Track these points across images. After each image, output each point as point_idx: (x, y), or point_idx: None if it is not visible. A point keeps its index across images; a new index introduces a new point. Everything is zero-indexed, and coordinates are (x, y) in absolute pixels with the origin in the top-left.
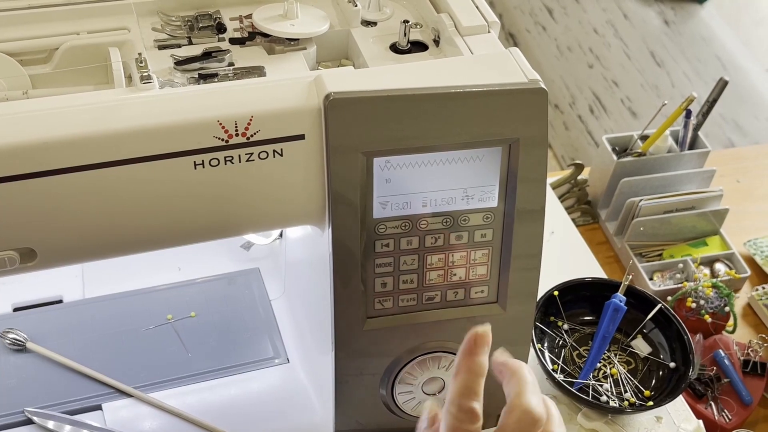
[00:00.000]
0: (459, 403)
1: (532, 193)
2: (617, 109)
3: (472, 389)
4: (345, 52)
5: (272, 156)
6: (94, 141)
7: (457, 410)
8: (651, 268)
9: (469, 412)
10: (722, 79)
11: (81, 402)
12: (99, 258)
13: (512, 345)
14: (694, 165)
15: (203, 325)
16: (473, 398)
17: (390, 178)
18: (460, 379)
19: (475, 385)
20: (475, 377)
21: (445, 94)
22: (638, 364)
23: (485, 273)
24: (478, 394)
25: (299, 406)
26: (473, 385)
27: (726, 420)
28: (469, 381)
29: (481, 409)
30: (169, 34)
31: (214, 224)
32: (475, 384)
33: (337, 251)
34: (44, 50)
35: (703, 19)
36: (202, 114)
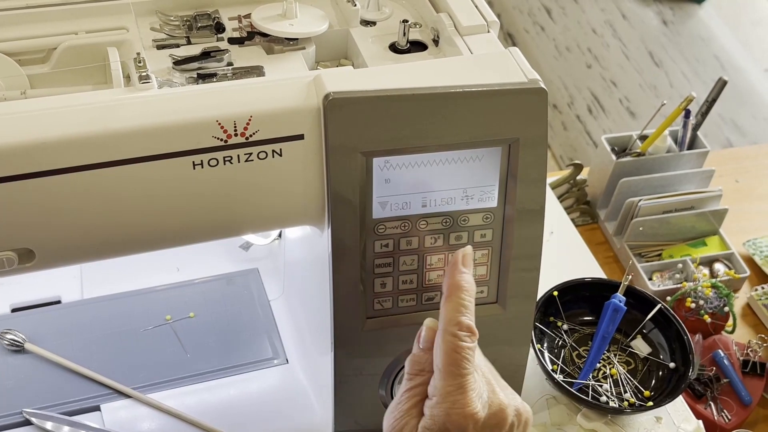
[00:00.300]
0: (458, 320)
1: (532, 193)
2: (616, 109)
3: (465, 306)
4: (344, 52)
5: (271, 156)
6: (93, 141)
7: (457, 328)
8: (650, 268)
9: (468, 329)
10: (721, 79)
11: (79, 403)
12: (97, 258)
13: (512, 345)
14: (693, 165)
15: (202, 325)
16: (468, 314)
17: (389, 178)
18: (453, 299)
19: (468, 302)
20: (466, 294)
21: (445, 94)
22: (638, 364)
23: (485, 273)
24: (471, 311)
25: (298, 406)
26: (466, 303)
27: (725, 420)
28: (461, 299)
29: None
30: (167, 33)
31: (213, 224)
32: (468, 302)
33: (336, 251)
34: (42, 50)
35: (701, 19)
36: (200, 114)
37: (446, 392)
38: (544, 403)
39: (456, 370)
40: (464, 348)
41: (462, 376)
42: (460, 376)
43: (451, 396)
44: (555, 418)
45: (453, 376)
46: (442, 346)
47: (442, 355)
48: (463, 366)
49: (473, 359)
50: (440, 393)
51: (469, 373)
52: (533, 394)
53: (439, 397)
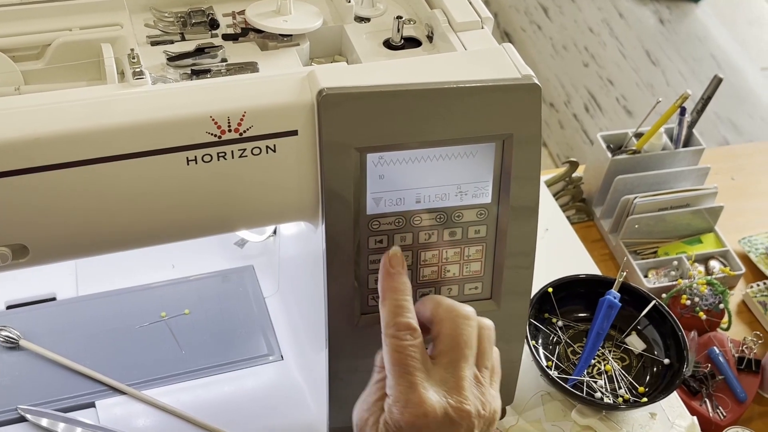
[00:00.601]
0: (395, 322)
1: (526, 189)
2: (612, 108)
3: (403, 306)
4: (338, 48)
5: (265, 152)
6: (87, 137)
7: (395, 329)
8: (646, 265)
9: (407, 327)
10: (716, 77)
11: (74, 399)
12: (91, 254)
13: (506, 341)
14: (688, 162)
15: (197, 322)
16: (406, 314)
17: (383, 174)
18: (387, 302)
19: (403, 302)
20: (401, 295)
21: (439, 90)
22: (632, 360)
23: (479, 269)
24: (410, 309)
25: (293, 403)
26: (402, 302)
27: (720, 417)
28: (396, 300)
29: (417, 322)
30: (161, 30)
31: (207, 220)
32: (404, 301)
33: (330, 247)
34: (36, 46)
35: (698, 18)
36: (194, 110)
37: (398, 392)
38: (539, 399)
39: (403, 369)
40: (406, 347)
41: (410, 374)
42: (408, 374)
43: (403, 395)
44: (550, 414)
45: (401, 375)
46: (386, 348)
47: (387, 358)
48: (408, 364)
49: (420, 359)
50: (392, 393)
51: (418, 370)
52: (528, 391)
53: (392, 397)
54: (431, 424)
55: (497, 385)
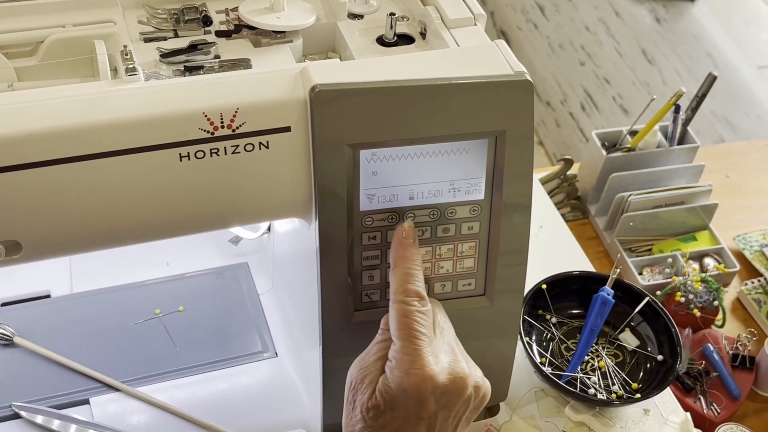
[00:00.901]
0: (404, 288)
1: (520, 186)
2: (609, 107)
3: (413, 274)
4: (331, 45)
5: (258, 148)
6: (79, 133)
7: (404, 295)
8: (640, 262)
9: (416, 294)
10: (711, 74)
11: (68, 396)
12: (85, 251)
13: (500, 338)
14: (683, 160)
15: (191, 319)
16: (415, 282)
17: (376, 171)
18: (398, 270)
19: (414, 270)
20: (412, 263)
21: (431, 86)
22: (626, 356)
23: (472, 266)
24: (419, 279)
25: (288, 399)
26: (412, 271)
27: (715, 414)
28: (407, 269)
29: (425, 293)
30: (155, 26)
31: (200, 217)
32: (414, 270)
33: (323, 244)
34: (30, 43)
35: (694, 16)
36: (187, 106)
37: (402, 355)
38: (533, 395)
39: (409, 334)
40: (413, 312)
41: (416, 338)
42: (415, 338)
43: (407, 358)
44: (543, 410)
45: (407, 340)
46: (393, 313)
47: (394, 322)
48: (415, 329)
49: (427, 323)
50: (397, 357)
51: (424, 335)
52: (522, 387)
53: (396, 361)
54: (433, 388)
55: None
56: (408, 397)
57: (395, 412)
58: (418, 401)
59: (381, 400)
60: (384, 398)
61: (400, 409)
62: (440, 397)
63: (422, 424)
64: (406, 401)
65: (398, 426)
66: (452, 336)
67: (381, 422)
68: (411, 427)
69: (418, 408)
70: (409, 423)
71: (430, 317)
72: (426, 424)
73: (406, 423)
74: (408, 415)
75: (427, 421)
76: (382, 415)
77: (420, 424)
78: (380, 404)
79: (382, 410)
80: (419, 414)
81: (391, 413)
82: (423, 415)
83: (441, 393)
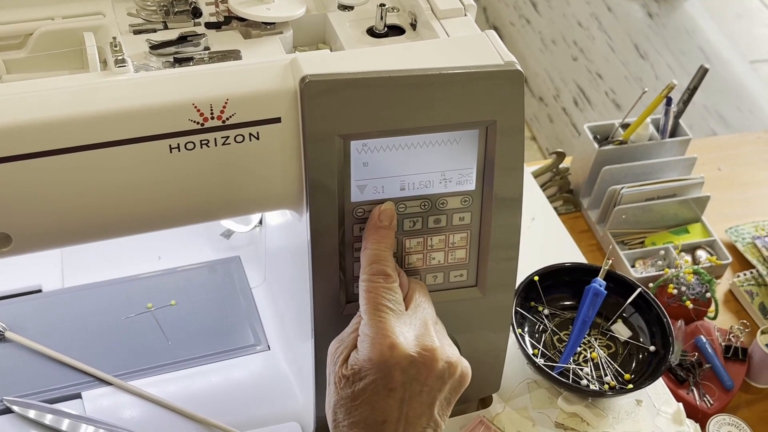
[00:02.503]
0: (371, 267)
1: (511, 175)
2: (601, 102)
3: (381, 256)
4: (322, 37)
5: (248, 139)
6: (69, 124)
7: (371, 274)
8: (633, 255)
9: (381, 272)
10: (702, 67)
11: (60, 390)
12: (75, 243)
13: (492, 330)
14: (675, 153)
15: (184, 313)
16: (383, 263)
17: (367, 162)
18: (368, 251)
19: (383, 252)
20: (382, 246)
21: (422, 77)
22: (618, 348)
23: (464, 257)
24: (387, 260)
25: (280, 392)
26: (381, 252)
27: (707, 405)
28: (377, 250)
29: (395, 272)
30: (144, 18)
31: (191, 208)
32: (384, 251)
33: (315, 236)
34: (19, 35)
35: (686, 11)
36: (176, 97)
37: (368, 328)
38: (525, 387)
39: (375, 308)
40: (378, 288)
41: (382, 312)
42: (380, 312)
43: (373, 329)
44: (536, 401)
45: (373, 314)
46: (361, 291)
47: (362, 299)
48: (379, 302)
49: (393, 298)
50: (363, 330)
51: (389, 309)
52: (514, 378)
53: (363, 334)
54: (399, 358)
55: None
56: (374, 367)
57: (364, 382)
58: (385, 371)
59: (350, 370)
60: (353, 369)
61: (368, 379)
62: (408, 368)
63: (393, 397)
64: (372, 371)
65: (368, 397)
66: (430, 314)
67: (351, 393)
68: (381, 399)
69: (386, 378)
70: (379, 395)
71: (396, 293)
72: (397, 397)
73: (375, 395)
74: (376, 386)
75: (399, 393)
76: (352, 385)
77: (390, 396)
78: (349, 375)
79: (352, 381)
80: (387, 385)
81: (360, 383)
82: (391, 385)
83: (408, 364)
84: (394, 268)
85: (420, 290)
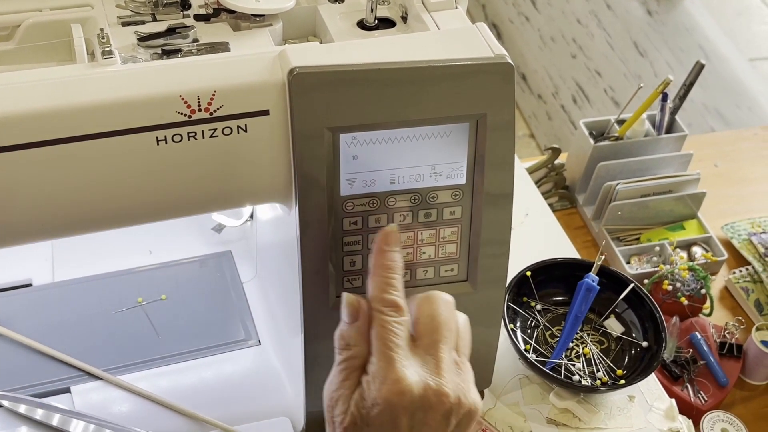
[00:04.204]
0: (381, 297)
1: (501, 168)
2: (600, 99)
3: (390, 284)
4: (312, 29)
5: (236, 132)
6: (55, 116)
7: (381, 304)
8: (628, 251)
9: (392, 304)
10: (698, 62)
11: (49, 385)
12: (62, 236)
13: (484, 325)
14: (671, 149)
15: (174, 307)
16: (392, 292)
17: (357, 155)
18: (377, 278)
19: (392, 280)
20: (391, 272)
21: (412, 69)
22: (611, 343)
23: (455, 251)
24: (397, 288)
25: (271, 387)
26: (390, 280)
27: (702, 402)
28: (385, 277)
29: (404, 302)
30: (132, 10)
31: (179, 201)
32: (392, 279)
33: (304, 229)
34: (6, 27)
35: (685, 8)
36: (163, 89)
37: (378, 367)
38: (517, 382)
39: (384, 345)
40: (389, 322)
41: (391, 350)
42: (389, 350)
43: (382, 371)
44: (528, 397)
45: (381, 351)
46: (373, 323)
47: (373, 333)
48: (390, 339)
49: (403, 334)
50: (372, 369)
51: (399, 347)
52: (506, 374)
53: (372, 374)
54: (407, 403)
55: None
56: (381, 413)
57: (371, 428)
58: (392, 416)
59: (357, 416)
60: (360, 414)
61: (375, 425)
62: (415, 413)
63: None
64: (380, 417)
65: None
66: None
67: None
68: None
69: (393, 423)
70: None
71: (406, 328)
72: None
73: None
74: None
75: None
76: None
77: None
78: (356, 421)
79: (359, 426)
80: (395, 430)
81: (367, 429)
82: (399, 431)
83: (416, 408)
84: (403, 296)
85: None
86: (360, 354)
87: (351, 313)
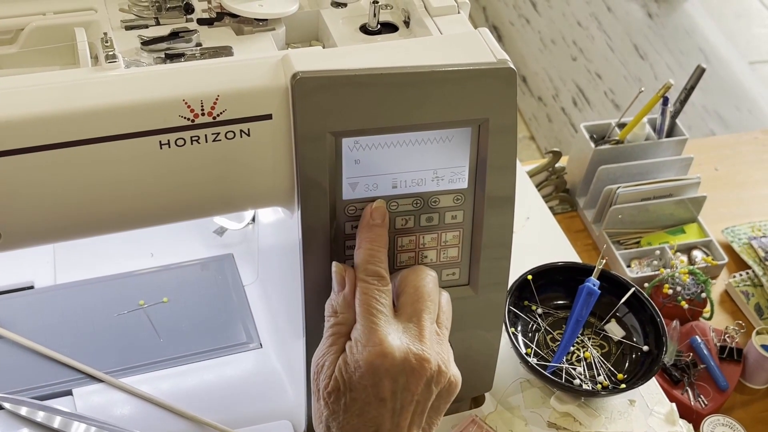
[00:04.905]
0: (365, 268)
1: (503, 173)
2: (600, 102)
3: (375, 256)
4: (315, 34)
5: (239, 136)
6: (59, 120)
7: (365, 274)
8: (629, 255)
9: (375, 274)
10: (699, 66)
11: (51, 387)
12: (65, 239)
13: (485, 329)
14: (671, 153)
15: (176, 310)
16: (377, 264)
17: (359, 159)
18: (362, 250)
19: (377, 252)
20: (376, 245)
21: (414, 74)
22: (611, 347)
23: (456, 255)
24: (382, 261)
25: (272, 390)
26: (375, 252)
27: (702, 405)
28: (371, 249)
29: (388, 274)
30: (136, 14)
31: (182, 205)
32: (378, 252)
33: (306, 233)
34: (10, 31)
35: (686, 11)
36: (167, 93)
37: (360, 332)
38: (518, 386)
39: (366, 311)
40: (372, 290)
41: (373, 315)
42: (372, 315)
43: (364, 335)
44: (529, 401)
45: (364, 317)
46: (357, 291)
47: (357, 299)
48: (372, 305)
49: (386, 302)
50: (356, 334)
51: (381, 313)
52: (507, 378)
53: (355, 338)
54: (389, 366)
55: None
56: (364, 376)
57: (354, 393)
58: (374, 380)
59: (340, 380)
60: (343, 378)
61: (358, 389)
62: (397, 377)
63: (384, 407)
64: (362, 380)
65: (360, 408)
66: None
67: (342, 405)
68: (373, 409)
69: (375, 387)
70: (371, 405)
71: (389, 297)
72: (389, 407)
73: (366, 405)
74: (367, 395)
75: (389, 403)
76: (342, 396)
77: (381, 406)
78: (339, 386)
79: (342, 391)
80: (378, 394)
81: (350, 394)
82: (382, 395)
83: (398, 371)
84: (387, 268)
85: (410, 278)
86: (346, 321)
87: (338, 281)
